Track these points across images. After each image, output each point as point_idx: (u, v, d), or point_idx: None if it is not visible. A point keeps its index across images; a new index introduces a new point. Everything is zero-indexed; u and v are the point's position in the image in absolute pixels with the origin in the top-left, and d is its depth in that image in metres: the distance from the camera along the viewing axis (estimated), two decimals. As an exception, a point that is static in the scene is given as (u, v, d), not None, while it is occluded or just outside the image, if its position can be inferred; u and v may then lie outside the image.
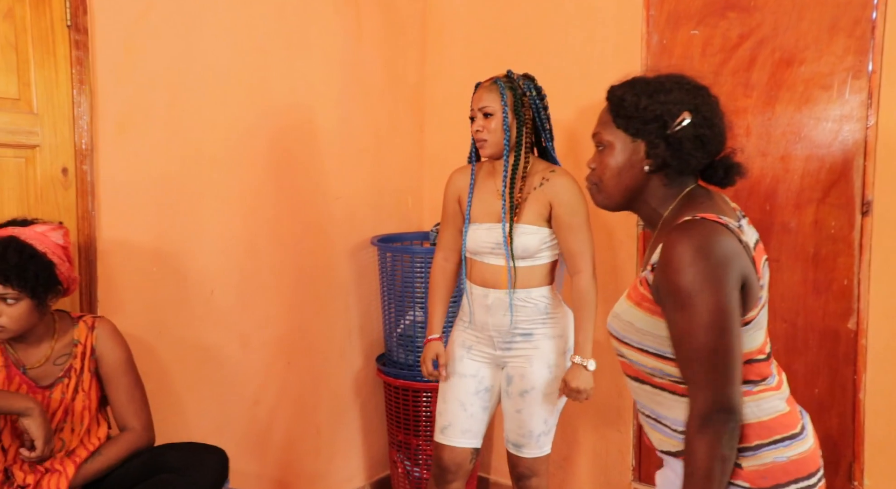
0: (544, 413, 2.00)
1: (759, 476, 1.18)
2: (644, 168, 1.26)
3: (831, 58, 2.14)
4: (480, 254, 2.01)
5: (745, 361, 1.19)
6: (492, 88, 1.98)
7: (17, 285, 1.62)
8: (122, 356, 1.84)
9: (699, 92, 1.26)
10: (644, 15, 2.45)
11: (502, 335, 2.00)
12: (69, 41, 1.96)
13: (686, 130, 1.22)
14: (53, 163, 1.96)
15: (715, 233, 1.15)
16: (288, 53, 2.46)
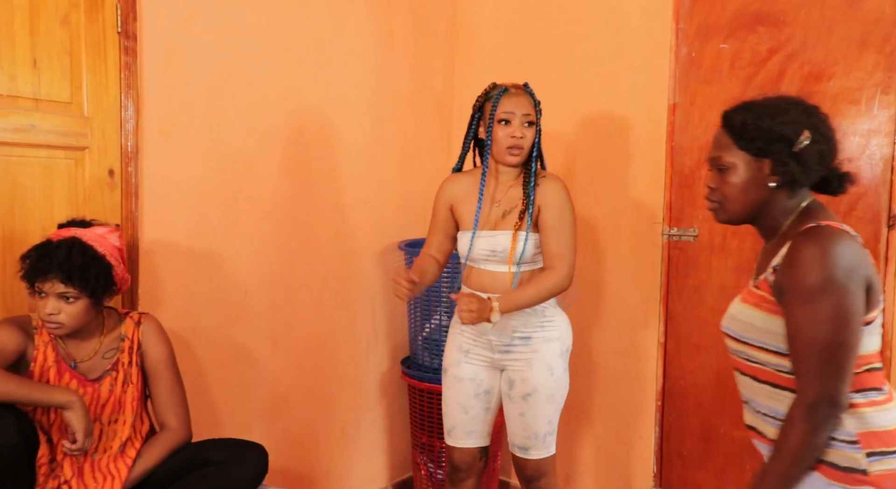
0: (548, 414, 2.01)
1: (885, 480, 1.23)
2: (769, 184, 1.36)
3: (860, 73, 2.17)
4: (480, 260, 2.01)
5: (868, 368, 1.27)
6: (527, 96, 1.97)
7: (78, 285, 1.69)
8: (165, 352, 1.90)
9: (813, 111, 1.36)
10: (673, 27, 2.50)
11: (501, 339, 2.00)
12: (119, 47, 2.04)
13: (809, 147, 1.32)
14: (101, 164, 2.03)
15: (840, 237, 1.25)
16: (320, 61, 2.53)
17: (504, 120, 1.94)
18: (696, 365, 2.51)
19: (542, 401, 1.99)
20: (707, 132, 2.45)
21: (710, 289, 2.47)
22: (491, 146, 1.97)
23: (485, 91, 2.02)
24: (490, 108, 1.95)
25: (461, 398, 2.07)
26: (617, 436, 2.69)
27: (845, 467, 1.26)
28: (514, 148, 1.94)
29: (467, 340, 2.07)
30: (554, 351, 2.01)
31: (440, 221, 2.10)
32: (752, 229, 2.40)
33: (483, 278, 2.00)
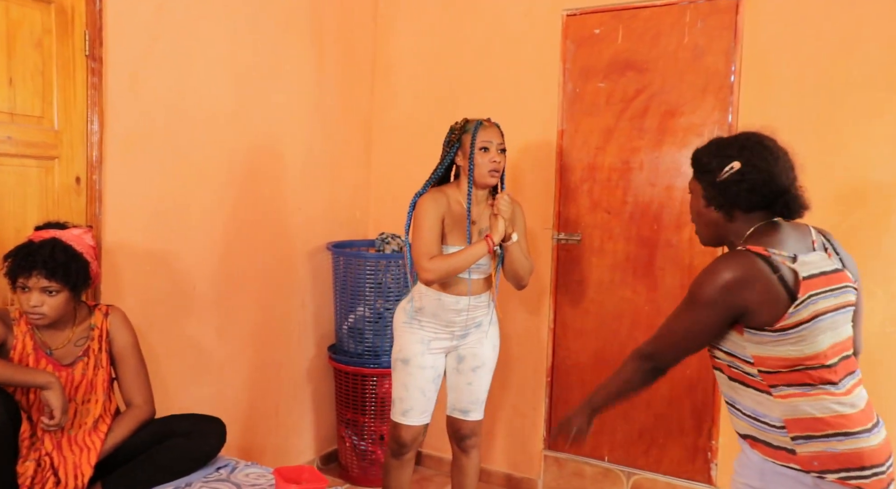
0: (487, 383, 2.46)
1: (809, 460, 1.41)
2: (708, 208, 1.56)
3: (703, 112, 2.76)
4: (469, 271, 2.26)
5: (797, 367, 1.44)
6: (496, 128, 2.29)
7: (61, 280, 1.92)
8: (130, 339, 2.15)
9: (753, 145, 1.51)
10: (561, 68, 3.01)
11: (464, 329, 2.39)
12: (87, 68, 2.28)
13: (733, 177, 1.49)
14: (69, 172, 2.27)
15: (746, 263, 1.43)
16: (263, 86, 2.86)
17: (484, 148, 2.25)
18: (579, 346, 3.04)
19: (486, 372, 2.43)
20: (588, 154, 2.98)
21: (591, 284, 3.00)
22: (473, 170, 2.25)
23: (460, 126, 2.30)
24: (469, 139, 2.25)
25: (421, 383, 2.35)
26: (514, 408, 3.18)
27: (777, 446, 1.46)
28: (493, 171, 2.26)
29: (428, 334, 2.35)
30: (496, 333, 2.46)
31: (437, 230, 2.25)
32: (627, 234, 2.96)
33: (460, 284, 2.29)
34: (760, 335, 1.45)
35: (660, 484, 2.88)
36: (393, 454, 2.46)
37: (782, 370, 1.46)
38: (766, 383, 1.48)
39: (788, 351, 1.45)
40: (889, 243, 2.46)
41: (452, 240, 2.29)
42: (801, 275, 1.44)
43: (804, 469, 1.43)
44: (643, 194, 2.88)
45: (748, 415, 1.53)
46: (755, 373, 1.50)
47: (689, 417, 2.83)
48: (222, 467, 2.18)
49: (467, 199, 2.29)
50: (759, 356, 1.48)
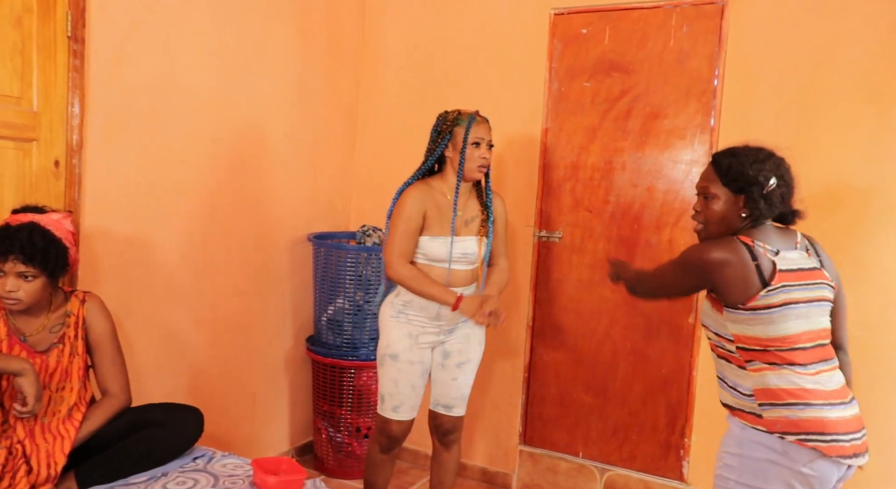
0: (471, 379, 2.47)
1: (773, 423, 1.65)
2: (741, 215, 1.72)
3: (686, 116, 2.80)
4: (448, 261, 2.29)
5: (768, 348, 1.66)
6: (487, 124, 2.32)
7: (39, 265, 1.88)
8: (108, 327, 2.12)
9: (781, 162, 1.73)
10: (547, 66, 3.03)
11: (451, 323, 2.39)
12: (68, 50, 2.24)
13: (774, 190, 1.69)
14: (48, 155, 2.23)
15: (727, 245, 1.67)
16: (248, 73, 2.83)
17: (475, 143, 2.28)
18: (557, 343, 3.07)
19: (472, 368, 2.44)
20: (572, 153, 3.00)
21: (570, 282, 3.03)
22: (464, 164, 2.28)
23: (453, 117, 2.30)
24: (462, 133, 2.27)
25: (411, 379, 2.35)
26: (492, 403, 3.20)
27: (748, 411, 1.70)
28: (482, 166, 2.31)
29: (416, 328, 2.34)
30: (483, 330, 2.47)
31: (415, 228, 2.27)
32: (608, 234, 2.98)
33: (451, 276, 2.31)
34: (736, 313, 1.68)
35: (632, 480, 2.92)
36: (382, 449, 2.45)
37: (755, 348, 1.69)
38: (743, 359, 1.71)
39: (759, 331, 1.67)
40: (859, 249, 2.52)
41: (437, 230, 2.31)
42: (778, 267, 1.66)
43: (769, 430, 1.65)
44: (625, 194, 2.91)
45: (731, 387, 1.76)
46: (734, 350, 1.73)
47: (663, 415, 2.88)
48: (199, 457, 2.17)
49: (455, 193, 2.31)
50: (737, 335, 1.71)
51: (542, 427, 3.12)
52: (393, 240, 2.28)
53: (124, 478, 1.99)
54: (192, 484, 2.00)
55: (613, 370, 2.96)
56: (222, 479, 2.02)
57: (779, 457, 1.65)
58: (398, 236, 2.27)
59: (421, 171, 2.37)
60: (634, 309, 2.91)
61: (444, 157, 2.35)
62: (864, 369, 2.41)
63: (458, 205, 2.33)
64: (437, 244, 2.31)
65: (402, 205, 2.28)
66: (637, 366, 2.91)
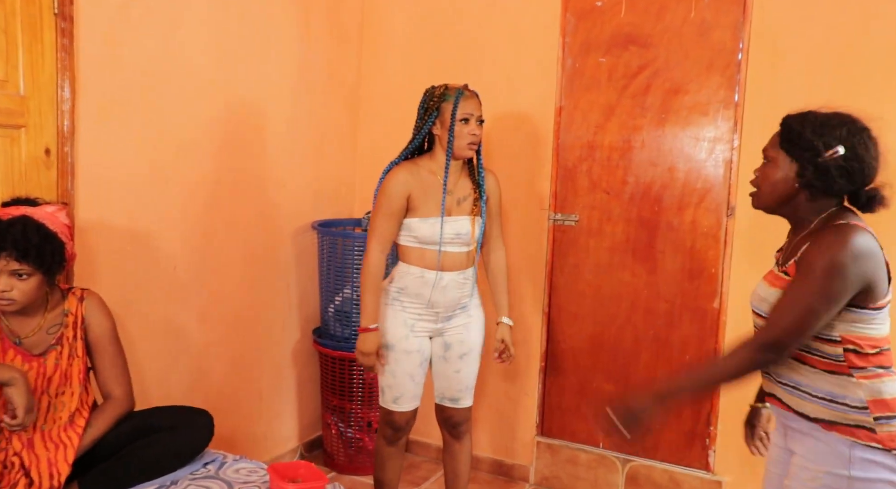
0: (476, 369, 2.38)
1: (891, 439, 1.44)
2: (795, 184, 1.52)
3: (708, 91, 2.67)
4: (439, 243, 2.21)
5: (879, 349, 1.47)
6: (477, 99, 2.22)
7: (33, 262, 1.74)
8: (108, 326, 1.98)
9: (860, 132, 1.49)
10: (560, 41, 2.88)
11: (448, 310, 2.29)
12: (55, 28, 2.08)
13: (835, 161, 1.46)
14: (37, 143, 2.07)
15: (859, 234, 1.43)
16: (248, 55, 2.67)
17: (464, 119, 2.17)
18: (574, 330, 2.96)
19: (474, 358, 2.35)
20: (588, 132, 2.87)
21: (588, 267, 2.91)
22: (453, 142, 2.17)
23: (440, 93, 2.20)
24: (450, 109, 2.16)
25: (409, 369, 2.26)
26: (507, 394, 3.09)
27: (855, 425, 1.45)
28: (472, 143, 2.20)
29: (412, 316, 2.25)
30: (482, 316, 2.37)
31: (397, 210, 2.19)
32: (627, 216, 2.87)
33: (444, 258, 2.21)
34: (860, 313, 1.45)
35: (656, 471, 2.83)
36: (388, 441, 2.37)
37: (871, 351, 1.47)
38: (849, 365, 1.47)
39: (875, 330, 1.47)
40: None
41: (426, 211, 2.21)
42: (885, 254, 1.48)
43: (886, 447, 1.43)
44: (644, 175, 2.79)
45: (821, 398, 1.49)
46: (836, 355, 1.47)
47: (688, 403, 2.78)
48: (209, 462, 2.04)
49: (445, 172, 2.21)
50: (849, 336, 1.46)
51: (560, 417, 3.01)
52: (374, 221, 2.23)
53: (131, 488, 1.87)
54: (205, 491, 1.88)
55: (635, 357, 2.85)
56: (236, 487, 1.90)
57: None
58: (379, 217, 2.21)
59: (408, 149, 2.27)
60: (656, 293, 2.80)
61: (432, 134, 2.25)
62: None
63: (449, 184, 2.23)
64: (427, 225, 2.20)
65: (386, 185, 2.21)
66: (660, 353, 2.81)
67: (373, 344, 2.21)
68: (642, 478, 2.86)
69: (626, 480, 2.89)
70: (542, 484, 3.04)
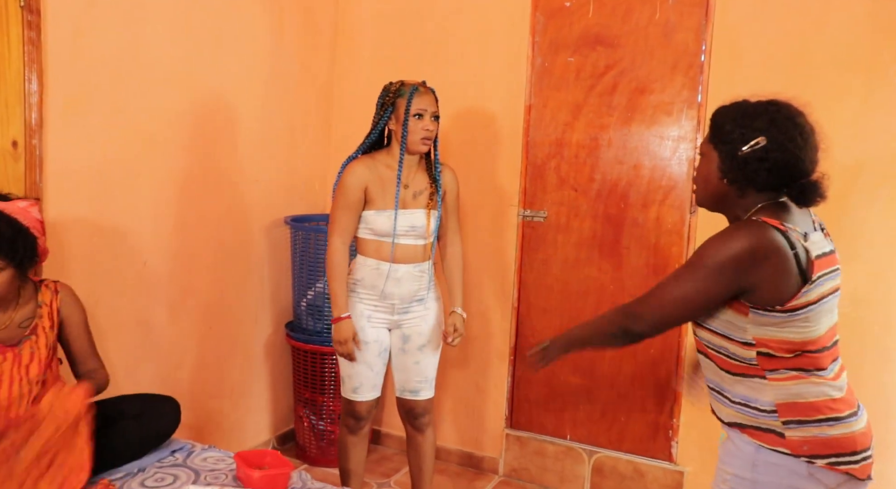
0: (436, 360, 2.42)
1: (800, 445, 1.37)
2: (721, 179, 1.43)
3: (672, 90, 2.73)
4: (393, 235, 2.26)
5: (798, 352, 1.38)
6: (432, 94, 2.27)
7: (6, 256, 1.76)
8: (82, 316, 2.01)
9: (785, 122, 1.38)
10: (530, 40, 2.94)
11: (404, 302, 2.33)
12: (22, 21, 2.08)
13: (756, 153, 1.37)
14: (4, 135, 2.08)
15: (753, 232, 1.33)
16: (218, 49, 2.69)
17: (418, 114, 2.22)
18: (543, 325, 3.01)
19: (433, 350, 2.39)
20: (556, 130, 2.93)
21: (556, 262, 2.97)
22: (407, 136, 2.22)
23: (395, 88, 2.25)
24: (404, 104, 2.21)
25: (368, 358, 2.31)
26: (476, 387, 3.14)
27: (766, 429, 1.41)
28: (426, 139, 2.24)
29: (368, 307, 2.30)
30: (439, 308, 2.41)
31: (354, 202, 2.25)
32: (594, 212, 2.93)
33: (398, 251, 2.27)
34: (768, 316, 1.37)
35: (621, 462, 2.90)
36: (350, 430, 2.42)
37: (784, 355, 1.39)
38: (762, 367, 1.41)
39: (792, 333, 1.38)
40: (848, 224, 2.50)
41: (382, 204, 2.26)
42: (812, 254, 1.37)
43: (794, 453, 1.38)
44: (611, 172, 2.85)
45: (737, 403, 1.45)
46: (749, 358, 1.42)
47: (652, 396, 2.85)
48: (177, 450, 2.07)
49: (399, 165, 2.26)
50: (762, 339, 1.39)
51: (528, 410, 3.07)
52: (333, 214, 2.28)
53: (98, 475, 1.89)
54: (172, 480, 1.91)
55: (601, 352, 2.91)
56: (203, 474, 1.93)
57: (804, 483, 1.38)
58: (338, 210, 2.27)
59: (365, 144, 2.33)
60: (622, 288, 2.86)
61: (390, 129, 2.30)
62: (855, 344, 2.39)
63: (405, 178, 2.28)
64: (382, 218, 2.26)
65: (343, 179, 2.27)
66: (625, 347, 2.86)
67: (347, 331, 2.25)
68: (608, 469, 2.92)
69: (593, 471, 2.95)
70: (511, 475, 3.09)
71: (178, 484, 1.88)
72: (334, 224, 2.28)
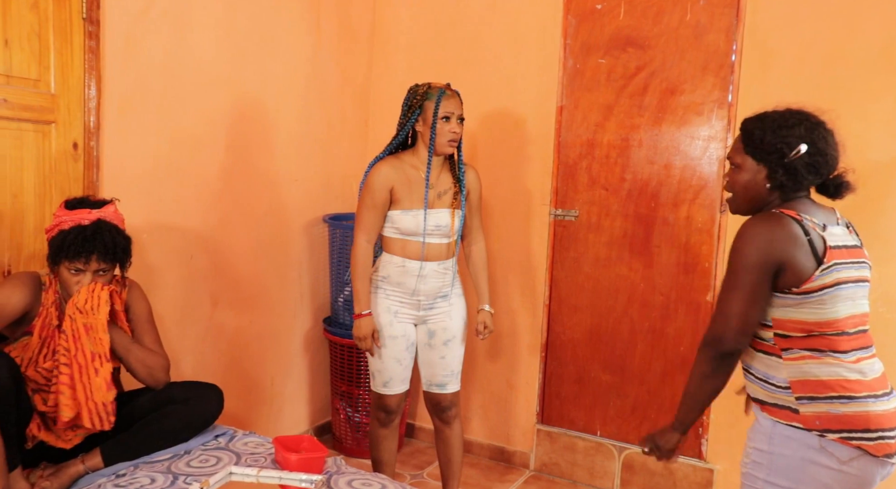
0: (460, 355, 2.48)
1: (812, 419, 1.49)
2: (766, 186, 1.59)
3: (703, 91, 2.76)
4: (418, 234, 2.31)
5: (813, 333, 1.50)
6: (458, 97, 2.34)
7: (114, 261, 1.95)
8: (147, 310, 2.15)
9: (817, 127, 1.56)
10: (562, 43, 3.00)
11: (429, 298, 2.40)
12: (84, 31, 2.24)
13: (801, 159, 1.53)
14: (66, 138, 2.24)
15: (777, 222, 1.49)
16: (261, 54, 2.82)
17: (445, 117, 2.28)
18: (574, 322, 3.06)
19: (458, 344, 2.46)
20: (588, 131, 2.98)
21: (587, 260, 3.02)
22: (435, 139, 2.29)
23: (423, 91, 2.31)
24: (432, 107, 2.28)
25: (395, 353, 2.38)
26: (507, 383, 3.21)
27: (782, 406, 1.53)
28: (453, 141, 2.31)
29: (395, 303, 2.37)
30: (463, 304, 2.48)
31: (380, 202, 2.31)
32: (624, 211, 2.97)
33: (427, 249, 2.34)
34: (784, 298, 1.51)
35: (651, 458, 2.92)
36: (381, 424, 2.49)
37: (798, 335, 1.52)
38: (779, 346, 1.54)
39: (807, 314, 1.50)
40: (884, 225, 2.49)
41: (409, 203, 2.32)
42: (829, 243, 1.50)
43: (806, 427, 1.49)
44: (641, 172, 2.89)
45: (759, 379, 1.59)
46: (769, 338, 1.56)
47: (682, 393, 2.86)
48: (220, 435, 2.19)
49: (427, 166, 2.32)
50: (780, 319, 1.53)
51: (559, 406, 3.12)
52: (359, 214, 2.35)
53: (148, 455, 2.02)
54: (215, 461, 2.02)
55: (632, 348, 2.95)
56: (244, 457, 2.05)
57: (816, 455, 1.49)
58: (363, 210, 2.34)
59: (391, 145, 2.39)
60: (652, 287, 2.89)
61: (415, 131, 2.36)
62: (890, 344, 2.38)
63: (431, 178, 2.34)
64: (409, 217, 2.32)
65: (369, 179, 2.32)
66: (655, 344, 2.90)
67: (367, 328, 2.33)
68: (638, 466, 2.95)
69: (623, 467, 2.98)
70: (542, 470, 3.15)
71: (221, 465, 1.99)
72: (360, 223, 2.35)
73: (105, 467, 1.96)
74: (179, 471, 1.94)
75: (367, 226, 2.34)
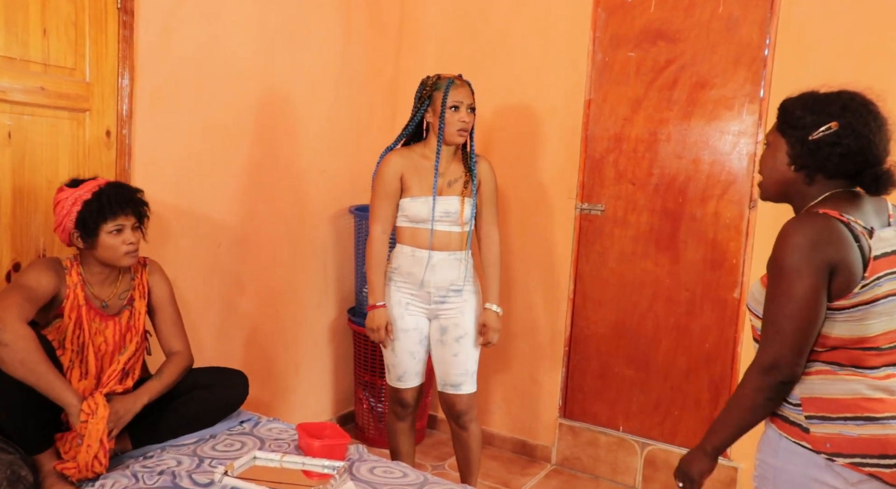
0: (475, 353, 2.40)
1: (822, 441, 1.34)
2: (790, 167, 1.41)
3: (734, 85, 2.72)
4: (427, 221, 2.29)
5: (836, 346, 1.35)
6: (468, 87, 2.31)
7: (143, 215, 2.03)
8: (168, 290, 2.18)
9: (859, 109, 1.36)
10: (591, 36, 2.97)
11: (439, 291, 2.34)
12: (118, 21, 2.28)
13: (828, 138, 1.35)
14: (100, 125, 2.28)
15: (824, 224, 1.31)
16: (291, 46, 2.85)
17: (454, 106, 2.28)
18: (598, 317, 3.05)
19: (471, 341, 2.38)
20: (616, 124, 2.96)
21: (612, 255, 3.00)
22: (444, 128, 2.29)
23: (432, 82, 2.31)
24: (441, 97, 2.27)
25: (409, 346, 2.36)
26: (530, 377, 3.21)
27: (791, 422, 1.40)
28: (462, 130, 2.31)
29: (406, 296, 2.35)
30: (478, 300, 2.42)
31: (392, 191, 2.33)
32: (651, 206, 2.94)
33: (435, 238, 2.32)
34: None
35: (674, 455, 2.90)
36: (398, 417, 2.48)
37: (821, 349, 1.38)
38: None
39: (836, 329, 1.36)
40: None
41: (419, 190, 2.32)
42: (872, 254, 1.33)
43: (815, 449, 1.36)
44: (669, 166, 2.86)
45: None
46: None
47: (706, 390, 2.84)
48: (245, 421, 2.22)
49: (436, 155, 2.31)
50: None
51: (582, 400, 3.11)
52: (372, 205, 2.37)
53: (175, 438, 2.06)
54: (240, 446, 2.05)
55: (656, 344, 2.93)
56: (268, 443, 2.08)
57: (822, 474, 1.35)
58: (376, 200, 2.35)
59: (402, 136, 2.39)
60: (678, 282, 2.87)
61: (427, 122, 2.36)
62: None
63: (440, 167, 2.33)
64: (417, 204, 2.31)
65: (379, 169, 2.34)
66: (680, 340, 2.88)
67: (381, 319, 2.32)
68: (660, 462, 2.94)
69: (645, 463, 2.97)
70: (564, 464, 3.14)
71: (246, 450, 2.02)
72: (374, 213, 2.35)
73: (133, 449, 2.00)
74: (205, 454, 1.98)
75: (380, 216, 2.35)
